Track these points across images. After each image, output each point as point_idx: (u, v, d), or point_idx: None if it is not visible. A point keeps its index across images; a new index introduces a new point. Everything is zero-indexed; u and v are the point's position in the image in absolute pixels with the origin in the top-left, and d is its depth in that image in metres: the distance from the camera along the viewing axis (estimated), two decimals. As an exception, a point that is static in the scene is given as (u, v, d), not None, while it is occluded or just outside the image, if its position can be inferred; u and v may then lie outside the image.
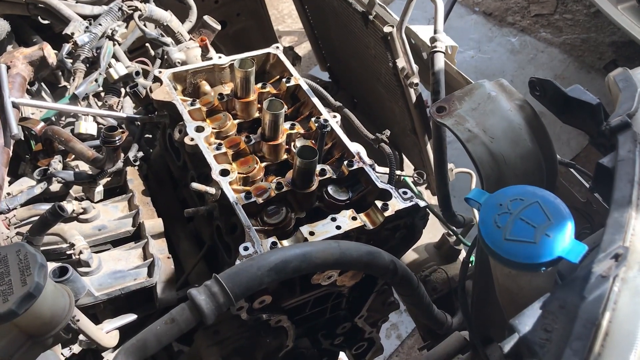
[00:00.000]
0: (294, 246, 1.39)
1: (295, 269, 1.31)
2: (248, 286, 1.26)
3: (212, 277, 1.28)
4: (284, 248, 1.37)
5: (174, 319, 1.20)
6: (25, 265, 1.15)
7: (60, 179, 1.98)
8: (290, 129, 2.11)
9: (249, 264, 1.28)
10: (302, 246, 1.38)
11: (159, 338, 1.18)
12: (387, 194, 1.91)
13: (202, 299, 1.22)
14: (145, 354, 1.17)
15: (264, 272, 1.27)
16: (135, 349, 1.16)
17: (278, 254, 1.32)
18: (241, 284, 1.25)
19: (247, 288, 1.26)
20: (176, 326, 1.20)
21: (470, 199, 1.21)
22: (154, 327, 1.19)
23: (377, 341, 2.54)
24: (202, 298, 1.23)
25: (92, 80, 2.30)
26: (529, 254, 1.11)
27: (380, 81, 2.79)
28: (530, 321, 1.06)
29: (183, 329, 1.21)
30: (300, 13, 3.51)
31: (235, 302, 1.25)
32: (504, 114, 1.48)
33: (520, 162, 1.44)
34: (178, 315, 1.21)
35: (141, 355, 1.16)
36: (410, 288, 1.66)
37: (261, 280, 1.27)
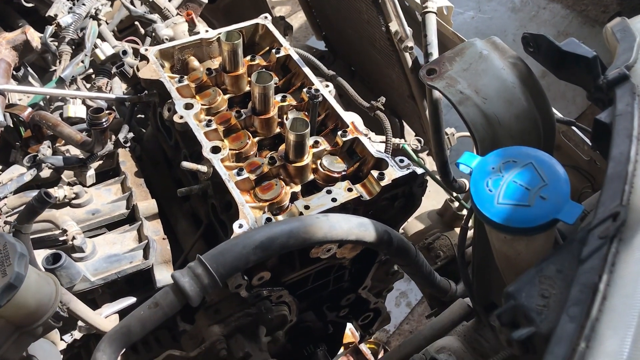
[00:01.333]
0: (280, 222, 1.35)
1: (282, 246, 1.27)
2: (233, 266, 1.22)
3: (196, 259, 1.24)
4: (270, 225, 1.33)
5: (158, 303, 1.17)
6: (5, 255, 1.12)
7: (50, 164, 1.94)
8: (282, 102, 2.06)
9: (233, 243, 1.25)
10: (289, 221, 1.34)
11: (143, 323, 1.15)
12: (383, 163, 1.86)
13: (185, 281, 1.19)
14: (129, 340, 1.14)
15: (250, 250, 1.23)
16: (119, 335, 1.13)
17: (263, 231, 1.28)
18: (225, 264, 1.21)
19: (233, 268, 1.22)
20: (160, 310, 1.17)
21: (461, 164, 1.16)
22: (137, 312, 1.16)
23: (384, 311, 2.51)
24: (186, 280, 1.19)
25: (78, 62, 2.25)
26: (523, 217, 1.06)
27: (376, 47, 2.72)
28: (526, 287, 1.01)
29: (168, 313, 1.18)
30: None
31: (221, 282, 1.22)
32: (497, 72, 1.42)
33: (516, 122, 1.38)
34: (162, 299, 1.18)
35: (126, 341, 1.13)
36: (408, 258, 1.62)
37: (247, 259, 1.23)
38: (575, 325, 0.87)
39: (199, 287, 1.20)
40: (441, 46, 2.06)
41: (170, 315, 1.19)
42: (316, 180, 1.91)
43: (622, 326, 0.85)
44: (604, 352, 0.83)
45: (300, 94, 2.10)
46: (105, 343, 1.12)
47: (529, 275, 1.03)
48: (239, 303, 1.89)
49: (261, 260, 1.26)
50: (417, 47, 2.49)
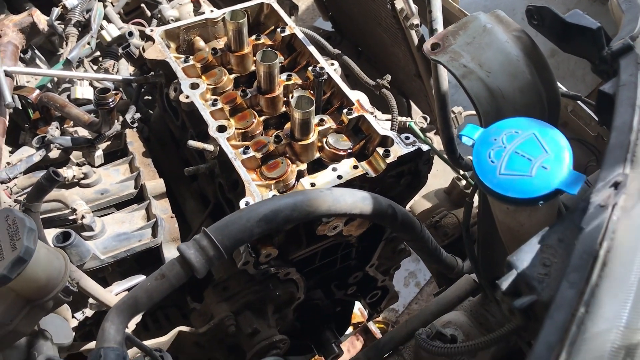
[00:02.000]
0: (284, 195, 1.36)
1: (286, 218, 1.28)
2: (238, 238, 1.24)
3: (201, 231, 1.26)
4: (274, 198, 1.34)
5: (164, 274, 1.19)
6: (14, 230, 1.14)
7: (58, 145, 1.96)
8: (287, 80, 2.06)
9: (237, 216, 1.26)
10: (293, 195, 1.35)
11: (150, 294, 1.17)
12: (389, 140, 1.86)
13: (191, 253, 1.21)
14: (137, 311, 1.16)
15: (254, 223, 1.24)
16: (126, 306, 1.16)
17: (267, 204, 1.29)
18: (230, 236, 1.23)
19: (237, 240, 1.24)
20: (167, 281, 1.19)
21: (463, 136, 1.16)
22: (144, 283, 1.18)
23: (391, 289, 2.53)
24: (192, 252, 1.21)
25: (85, 43, 2.27)
26: (525, 188, 1.06)
27: (382, 25, 2.70)
28: (528, 257, 1.02)
29: (174, 284, 1.20)
30: (297, -39, 3.39)
31: (226, 254, 1.23)
32: (501, 46, 1.41)
33: (520, 96, 1.38)
34: (168, 271, 1.20)
35: (133, 312, 1.16)
36: (413, 233, 1.63)
37: (251, 231, 1.24)
38: (575, 291, 0.88)
39: (205, 259, 1.22)
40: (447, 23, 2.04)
41: (176, 286, 1.21)
42: (322, 158, 1.92)
43: (621, 292, 0.86)
44: (602, 317, 0.83)
45: (305, 73, 2.10)
46: (113, 313, 1.14)
47: (530, 245, 1.04)
48: (247, 280, 1.91)
49: (265, 232, 1.27)
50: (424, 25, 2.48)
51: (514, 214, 1.15)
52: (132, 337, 1.14)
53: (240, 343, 1.96)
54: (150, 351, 1.18)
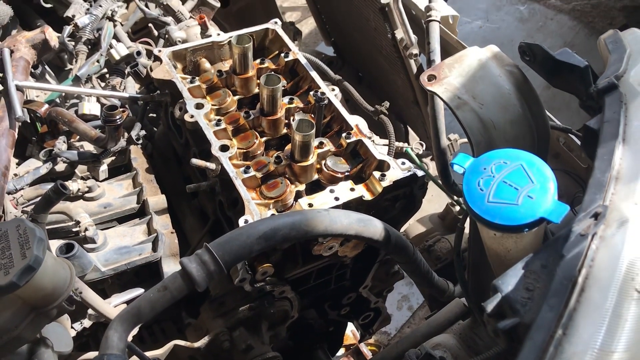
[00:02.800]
0: (283, 214, 1.42)
1: (284, 237, 1.34)
2: (238, 254, 1.29)
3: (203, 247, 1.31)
4: (273, 217, 1.40)
5: (167, 286, 1.24)
6: (25, 239, 1.20)
7: (65, 158, 2.02)
8: (289, 104, 2.13)
9: (238, 233, 1.32)
10: (292, 214, 1.41)
11: (152, 305, 1.22)
12: (385, 164, 1.93)
13: (193, 267, 1.26)
14: (139, 320, 1.21)
15: (254, 240, 1.30)
16: (130, 315, 1.20)
17: (267, 222, 1.35)
18: (231, 252, 1.29)
19: (237, 256, 1.30)
20: (169, 293, 1.24)
21: (455, 164, 1.22)
22: (147, 295, 1.23)
23: (384, 311, 2.58)
24: (193, 266, 1.26)
25: (94, 61, 2.34)
26: (511, 215, 1.12)
27: (382, 54, 2.79)
28: (512, 281, 1.08)
29: (175, 296, 1.25)
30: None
31: (226, 269, 1.29)
32: (494, 80, 1.49)
33: (510, 128, 1.45)
34: (170, 283, 1.25)
35: (136, 322, 1.21)
36: (406, 255, 1.68)
37: (251, 248, 1.30)
38: (554, 314, 0.93)
39: (205, 273, 1.27)
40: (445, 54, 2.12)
41: (177, 298, 1.26)
42: (320, 180, 1.98)
43: (597, 316, 0.91)
44: (579, 339, 0.89)
45: (307, 97, 2.17)
46: (117, 322, 1.19)
47: (515, 270, 1.10)
48: (243, 297, 1.96)
49: (264, 249, 1.33)
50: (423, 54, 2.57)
51: (501, 240, 1.21)
52: (133, 346, 1.19)
53: (233, 359, 2.00)
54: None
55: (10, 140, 1.95)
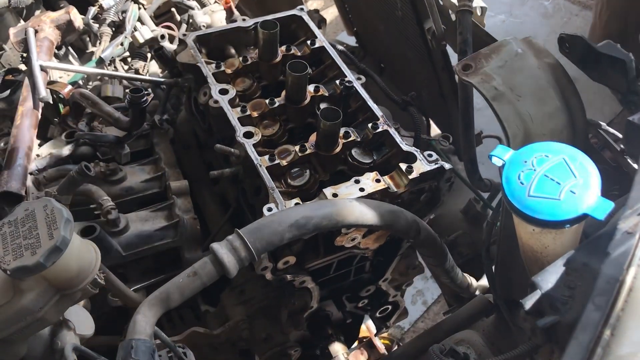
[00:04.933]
0: (315, 203, 1.39)
1: (316, 226, 1.31)
2: (269, 241, 1.27)
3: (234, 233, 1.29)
4: (306, 205, 1.37)
5: (197, 272, 1.22)
6: (52, 219, 1.18)
7: (87, 140, 2.00)
8: (315, 92, 2.09)
9: (270, 220, 1.29)
10: (324, 203, 1.38)
11: (181, 291, 1.20)
12: (411, 156, 1.89)
13: (224, 253, 1.24)
14: (168, 306, 1.19)
15: (285, 227, 1.27)
16: (158, 300, 1.18)
17: (300, 210, 1.32)
18: (262, 239, 1.26)
19: (268, 243, 1.27)
20: (198, 279, 1.22)
21: (494, 156, 1.18)
22: (176, 280, 1.21)
23: (402, 304, 2.54)
24: (224, 252, 1.24)
25: (118, 43, 2.31)
26: (553, 210, 1.09)
27: (408, 44, 2.74)
28: (552, 278, 1.05)
29: (205, 282, 1.23)
30: (326, -24, 3.45)
31: (257, 256, 1.26)
32: (532, 71, 1.45)
33: (548, 121, 1.41)
34: (200, 269, 1.23)
35: (164, 307, 1.18)
36: (434, 249, 1.65)
37: (282, 235, 1.27)
38: (600, 313, 0.90)
39: (236, 259, 1.25)
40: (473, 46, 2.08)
41: (207, 284, 1.24)
42: (345, 170, 1.95)
43: (647, 317, 0.88)
44: (628, 341, 0.86)
45: (332, 85, 2.13)
46: (145, 307, 1.17)
47: (555, 267, 1.07)
48: (263, 286, 1.94)
49: (295, 238, 1.30)
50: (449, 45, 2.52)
51: (539, 236, 1.17)
52: (158, 331, 1.17)
53: (252, 348, 1.98)
54: (173, 347, 1.20)
55: (33, 120, 1.94)
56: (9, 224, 1.20)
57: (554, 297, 1.02)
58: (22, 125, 1.89)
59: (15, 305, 1.22)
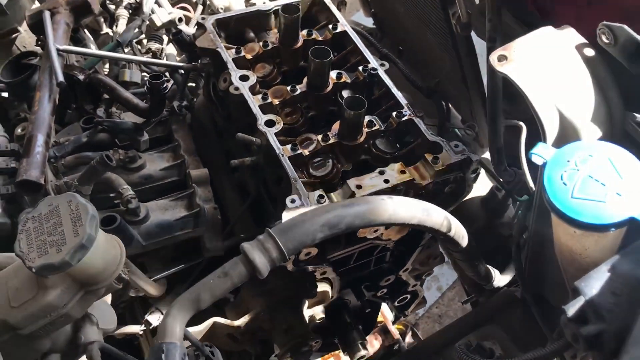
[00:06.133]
0: (346, 202, 1.35)
1: (348, 225, 1.27)
2: (301, 241, 1.24)
3: (264, 232, 1.25)
4: (337, 204, 1.33)
5: (227, 272, 1.19)
6: (77, 216, 1.15)
7: (105, 127, 1.97)
8: (337, 79, 2.04)
9: (301, 219, 1.25)
10: (355, 202, 1.34)
11: (212, 292, 1.17)
12: (437, 146, 1.85)
13: (255, 254, 1.21)
14: (198, 307, 1.16)
15: (317, 227, 1.24)
16: (188, 302, 1.16)
17: (332, 210, 1.29)
18: (294, 239, 1.23)
19: (300, 243, 1.24)
20: (229, 280, 1.19)
21: (534, 154, 1.14)
22: (207, 281, 1.18)
23: (421, 294, 2.52)
24: (256, 253, 1.21)
25: (136, 27, 2.26)
26: (598, 213, 1.04)
27: (430, 28, 2.67)
28: (597, 284, 1.01)
29: (236, 283, 1.20)
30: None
31: (288, 257, 1.23)
32: (570, 62, 1.39)
33: (586, 115, 1.36)
34: (231, 270, 1.20)
35: (195, 308, 1.16)
36: (463, 244, 1.61)
37: (314, 235, 1.24)
38: (655, 325, 0.86)
39: (268, 260, 1.22)
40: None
41: (238, 285, 1.21)
42: (368, 160, 1.90)
43: None
44: (684, 356, 0.82)
45: (355, 72, 2.08)
46: (175, 309, 1.14)
47: (600, 272, 1.03)
48: (284, 276, 1.91)
49: (327, 237, 1.26)
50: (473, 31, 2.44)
51: (580, 238, 1.13)
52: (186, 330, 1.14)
53: (272, 338, 1.96)
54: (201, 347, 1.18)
55: (51, 106, 1.90)
56: (33, 219, 1.17)
57: (599, 305, 0.98)
58: (41, 112, 1.85)
59: (40, 301, 1.20)
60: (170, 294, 1.97)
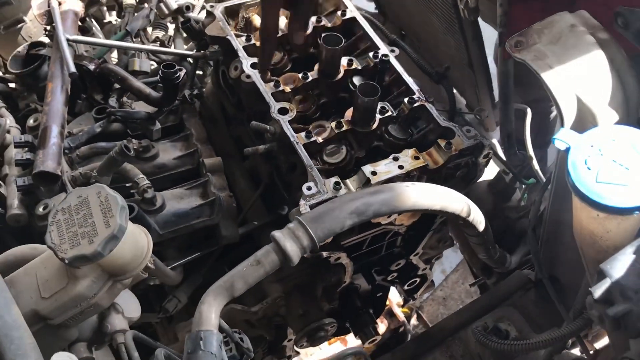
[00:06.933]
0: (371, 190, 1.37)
1: (375, 212, 1.30)
2: (330, 228, 1.26)
3: (294, 220, 1.27)
4: (363, 192, 1.35)
5: (260, 261, 1.21)
6: (107, 207, 1.16)
7: (119, 117, 1.97)
8: (348, 65, 2.05)
9: (330, 207, 1.27)
10: (380, 189, 1.36)
11: (245, 279, 1.19)
12: (450, 132, 1.86)
13: (287, 242, 1.23)
14: (232, 295, 1.18)
15: (346, 214, 1.26)
16: (222, 290, 1.18)
17: (360, 197, 1.31)
18: (324, 227, 1.25)
19: (330, 230, 1.26)
20: (262, 268, 1.21)
21: (557, 140, 1.16)
22: (240, 268, 1.20)
23: (430, 277, 2.55)
24: (287, 241, 1.23)
25: (144, 15, 2.25)
26: (622, 197, 1.07)
27: (436, 12, 2.67)
28: (623, 266, 1.03)
29: (268, 271, 1.22)
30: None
31: (318, 244, 1.25)
32: (586, 48, 1.40)
33: (604, 99, 1.37)
34: (263, 258, 1.22)
35: (229, 295, 1.18)
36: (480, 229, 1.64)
37: (343, 222, 1.26)
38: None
39: (299, 248, 1.24)
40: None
41: (270, 273, 1.23)
42: (381, 146, 1.92)
43: None
44: None
45: (365, 58, 2.08)
46: (210, 296, 1.16)
47: (625, 254, 1.05)
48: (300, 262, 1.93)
49: (355, 225, 1.29)
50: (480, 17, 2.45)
51: (602, 221, 1.15)
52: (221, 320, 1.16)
53: (288, 323, 1.99)
54: (231, 333, 1.20)
55: (64, 97, 1.90)
56: (63, 211, 1.18)
57: (625, 286, 1.01)
58: (54, 102, 1.85)
59: (71, 291, 1.21)
60: (186, 281, 1.99)
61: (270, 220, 2.07)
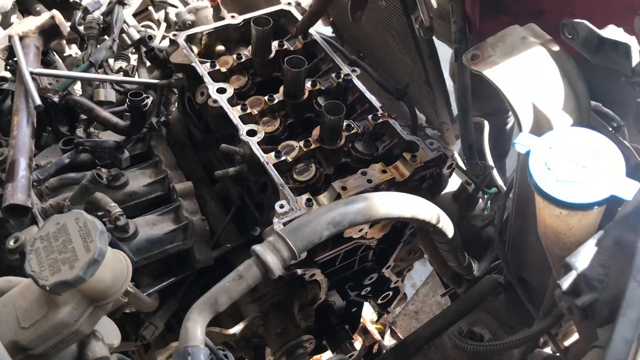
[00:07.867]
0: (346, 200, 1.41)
1: (351, 222, 1.34)
2: (309, 240, 1.29)
3: (273, 234, 1.30)
4: (337, 203, 1.40)
5: (242, 275, 1.23)
6: (86, 232, 1.17)
7: (87, 147, 1.97)
8: (312, 86, 2.10)
9: (307, 219, 1.31)
10: (354, 200, 1.40)
11: (229, 294, 1.21)
12: (414, 145, 1.92)
13: (267, 255, 1.25)
14: (216, 310, 1.20)
15: (323, 225, 1.30)
16: (207, 305, 1.19)
17: (335, 208, 1.35)
18: (303, 238, 1.28)
19: (308, 242, 1.29)
20: (244, 282, 1.23)
21: (518, 143, 1.22)
22: (222, 284, 1.22)
23: (402, 289, 2.60)
24: (268, 254, 1.25)
25: (108, 46, 2.27)
26: (582, 194, 1.13)
27: (391, 33, 2.77)
28: (586, 258, 1.09)
29: (251, 285, 1.24)
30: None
31: (298, 255, 1.28)
32: (537, 58, 1.49)
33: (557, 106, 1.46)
34: (245, 272, 1.24)
35: (213, 311, 1.19)
36: (450, 236, 1.69)
37: (321, 233, 1.30)
38: (644, 289, 0.95)
39: (279, 260, 1.27)
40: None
41: (252, 286, 1.25)
42: (348, 162, 1.97)
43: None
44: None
45: (327, 79, 2.15)
46: (195, 313, 1.17)
47: (587, 247, 1.11)
48: (275, 281, 1.95)
49: (331, 235, 1.32)
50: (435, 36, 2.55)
51: (565, 218, 1.22)
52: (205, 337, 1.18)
53: (267, 343, 2.00)
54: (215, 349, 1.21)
55: (31, 130, 1.90)
56: (41, 239, 1.18)
57: (590, 277, 1.07)
58: (21, 135, 1.84)
59: (52, 319, 1.21)
60: (162, 307, 1.99)
61: (243, 242, 2.09)
